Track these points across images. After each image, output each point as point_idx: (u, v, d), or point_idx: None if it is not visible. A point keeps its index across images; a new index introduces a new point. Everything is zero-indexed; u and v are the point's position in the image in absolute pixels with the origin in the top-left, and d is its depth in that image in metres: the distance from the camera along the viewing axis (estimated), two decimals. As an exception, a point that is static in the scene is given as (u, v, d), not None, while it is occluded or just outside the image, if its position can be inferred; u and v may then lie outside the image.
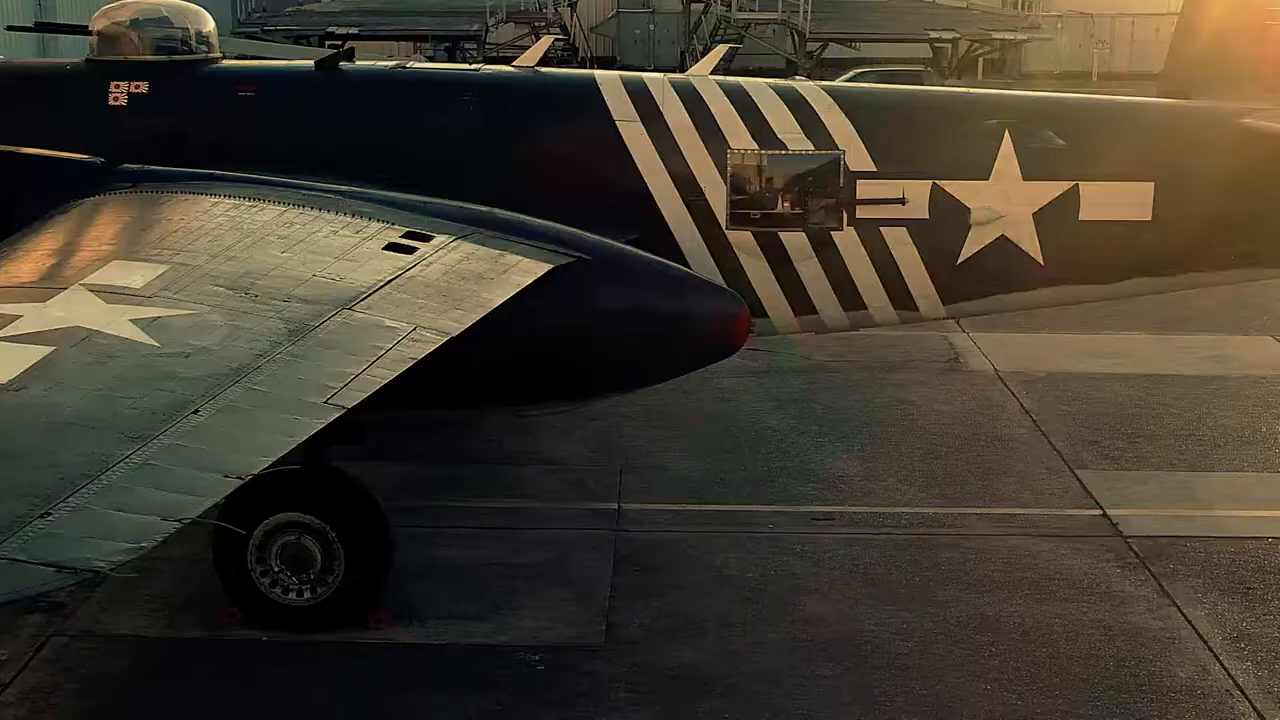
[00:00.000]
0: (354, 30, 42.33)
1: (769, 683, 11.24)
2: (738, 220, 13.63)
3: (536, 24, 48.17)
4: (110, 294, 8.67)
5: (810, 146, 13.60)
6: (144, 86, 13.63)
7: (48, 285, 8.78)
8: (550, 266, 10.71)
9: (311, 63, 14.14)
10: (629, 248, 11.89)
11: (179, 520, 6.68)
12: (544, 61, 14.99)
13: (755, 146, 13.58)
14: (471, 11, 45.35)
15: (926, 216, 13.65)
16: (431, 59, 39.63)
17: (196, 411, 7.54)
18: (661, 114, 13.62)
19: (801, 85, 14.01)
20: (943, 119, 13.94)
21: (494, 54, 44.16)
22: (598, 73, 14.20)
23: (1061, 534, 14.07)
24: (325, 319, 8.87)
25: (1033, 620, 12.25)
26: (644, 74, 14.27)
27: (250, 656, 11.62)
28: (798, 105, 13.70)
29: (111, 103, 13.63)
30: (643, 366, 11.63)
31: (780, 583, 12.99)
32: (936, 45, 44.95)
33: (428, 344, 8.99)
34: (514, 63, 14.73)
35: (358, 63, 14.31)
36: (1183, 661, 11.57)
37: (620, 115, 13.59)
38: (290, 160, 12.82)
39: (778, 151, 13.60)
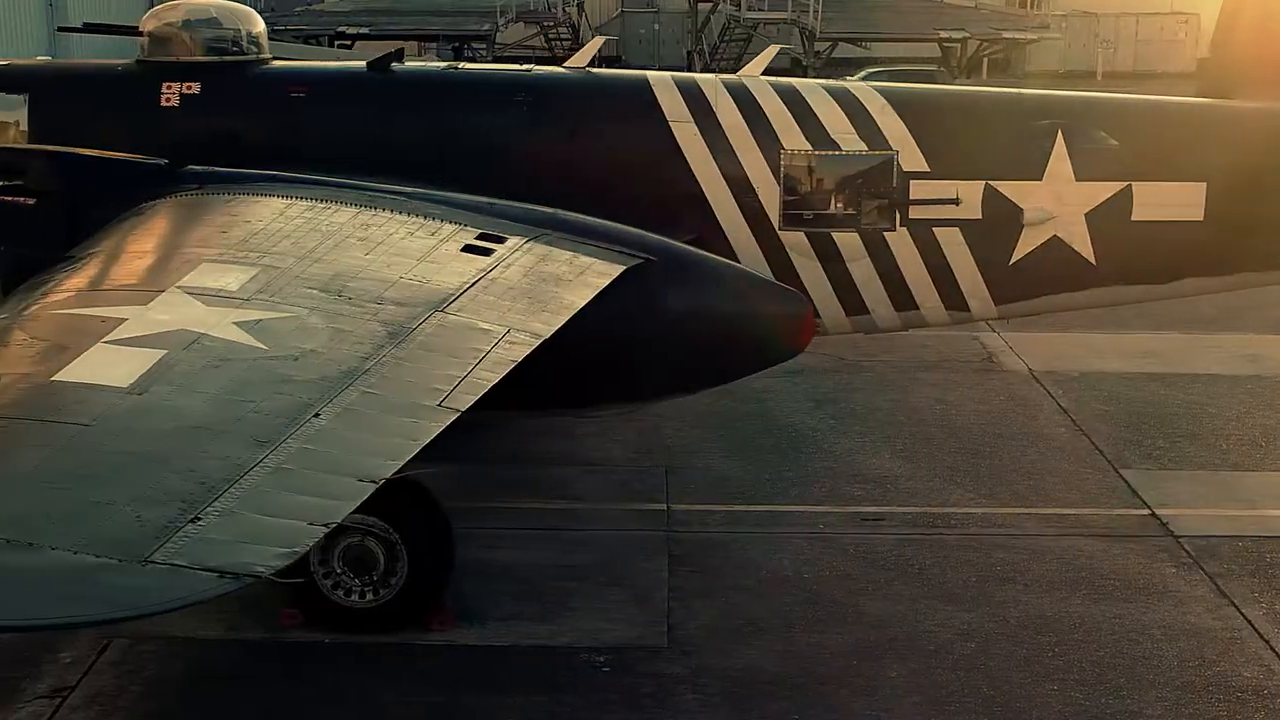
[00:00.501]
0: (364, 30, 42.28)
1: (836, 683, 11.23)
2: (790, 220, 13.62)
3: (545, 24, 48.18)
4: (208, 297, 8.64)
5: (864, 147, 13.60)
6: (196, 87, 13.61)
7: (145, 288, 8.74)
8: (623, 268, 10.70)
9: (363, 64, 14.09)
10: (693, 249, 11.88)
11: (325, 525, 6.66)
12: (551, 60, 15.01)
13: (809, 147, 13.58)
14: (481, 11, 45.31)
15: (979, 217, 13.66)
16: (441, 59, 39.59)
17: (317, 415, 7.51)
18: (715, 114, 13.62)
19: (853, 85, 14.01)
20: (996, 119, 13.94)
21: (503, 54, 44.18)
22: (649, 73, 14.19)
23: (1112, 534, 14.07)
24: (421, 321, 8.86)
25: (1093, 620, 12.24)
26: (695, 74, 14.25)
27: (313, 658, 11.60)
28: (851, 105, 13.70)
29: (163, 103, 13.61)
30: (709, 368, 11.62)
31: (837, 583, 12.98)
32: (946, 45, 44.93)
33: (524, 346, 8.98)
34: (564, 64, 14.71)
35: (407, 64, 14.27)
36: (1246, 662, 11.57)
37: (673, 116, 13.59)
38: (344, 162, 12.80)
39: (831, 152, 13.60)
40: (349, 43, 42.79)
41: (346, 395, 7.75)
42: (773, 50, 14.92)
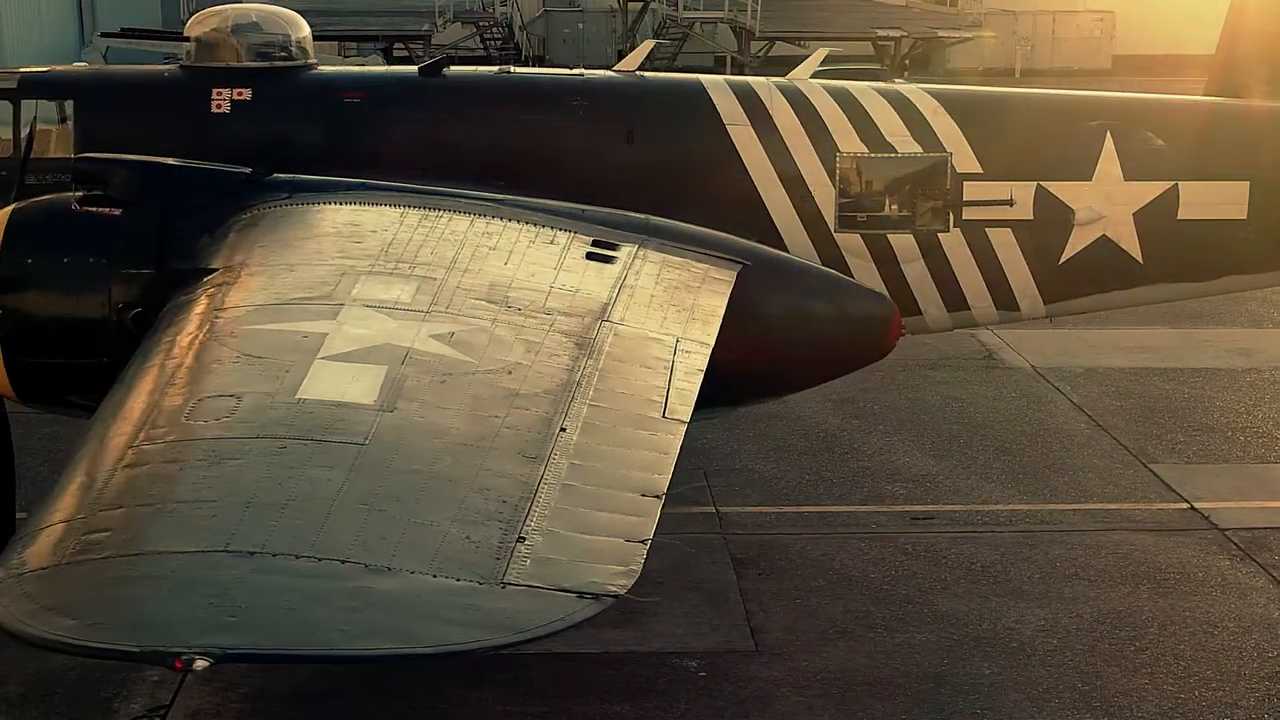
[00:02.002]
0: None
1: (934, 683, 11.33)
2: (846, 223, 13.67)
3: (481, 24, 47.94)
4: (389, 309, 8.51)
5: (918, 149, 13.69)
6: (248, 93, 13.39)
7: (320, 302, 8.56)
8: (735, 273, 10.70)
9: (415, 69, 13.95)
10: (782, 252, 11.90)
11: (642, 541, 6.59)
12: (486, 60, 14.95)
13: (864, 149, 13.64)
14: (419, 12, 44.98)
15: (1031, 217, 13.80)
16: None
17: (563, 430, 7.43)
18: (771, 117, 13.63)
19: (905, 87, 14.10)
20: (1047, 120, 14.09)
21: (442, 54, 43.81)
22: (703, 77, 14.17)
23: (1159, 528, 14.31)
24: (596, 332, 8.79)
25: (1165, 614, 12.44)
26: (747, 77, 14.26)
27: (412, 668, 11.47)
28: (904, 108, 13.79)
29: (214, 110, 13.37)
30: (802, 370, 11.65)
31: (906, 582, 13.08)
32: (880, 43, 45.33)
33: (700, 354, 8.95)
34: (614, 67, 14.65)
35: (457, 69, 14.15)
36: (1321, 651, 11.84)
37: (730, 119, 13.58)
38: (402, 167, 12.66)
39: (886, 154, 13.67)
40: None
41: (576, 408, 7.69)
42: (821, 53, 14.94)
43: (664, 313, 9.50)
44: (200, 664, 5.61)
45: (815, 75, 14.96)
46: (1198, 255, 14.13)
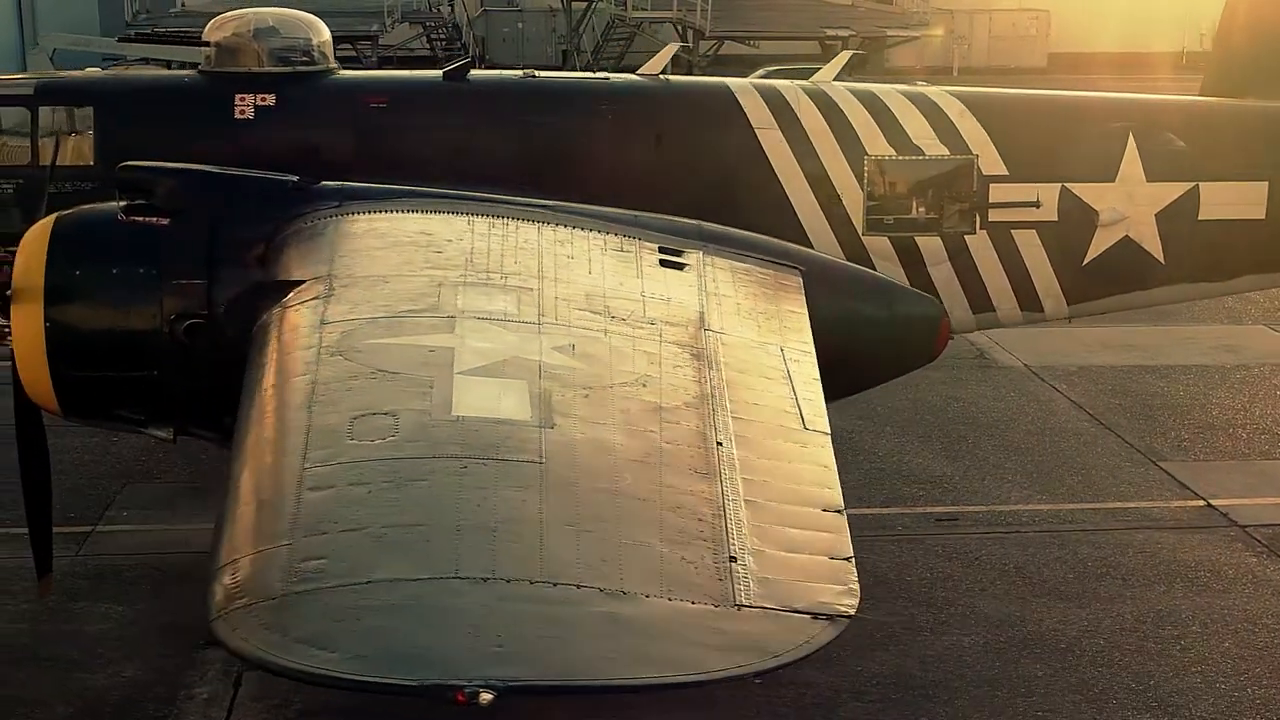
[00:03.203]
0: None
1: (989, 686, 11.34)
2: (874, 226, 13.67)
3: (428, 24, 47.60)
4: (503, 322, 8.36)
5: (945, 151, 13.71)
6: (271, 99, 13.19)
7: (431, 315, 8.40)
8: (800, 278, 10.65)
9: (439, 74, 13.79)
10: (831, 256, 11.86)
11: (847, 558, 6.50)
12: (432, 60, 14.81)
13: (892, 152, 13.64)
14: (367, 12, 44.55)
15: (1055, 219, 13.87)
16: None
17: (720, 444, 7.33)
18: (798, 121, 13.60)
19: (930, 90, 14.11)
20: (1070, 122, 14.15)
21: (389, 55, 43.48)
22: (729, 80, 14.11)
23: (1180, 526, 14.42)
24: (704, 341, 8.70)
25: (1205, 613, 12.53)
26: (773, 81, 14.21)
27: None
28: (931, 110, 13.80)
29: (237, 115, 13.16)
30: (852, 374, 11.59)
31: (943, 584, 13.10)
32: (827, 43, 45.41)
33: (809, 362, 8.89)
34: (638, 71, 14.56)
35: (478, 73, 14.01)
36: (1362, 645, 11.97)
37: (759, 123, 13.54)
38: (432, 172, 12.51)
39: (914, 157, 13.68)
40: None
41: (721, 421, 7.59)
42: (845, 55, 14.93)
43: (755, 320, 9.42)
44: (485, 697, 5.48)
45: (769, 74, 14.93)
46: (1218, 255, 14.26)
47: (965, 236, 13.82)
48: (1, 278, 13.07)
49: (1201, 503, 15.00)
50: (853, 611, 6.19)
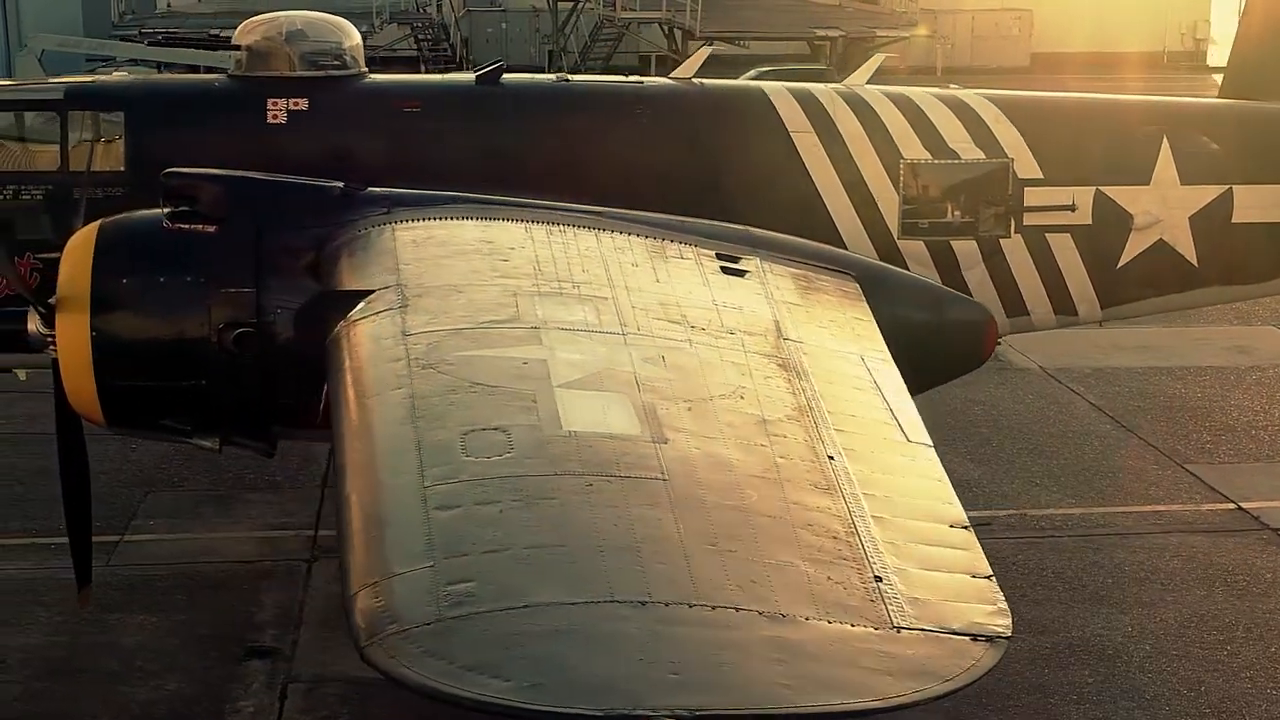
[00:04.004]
0: (240, 32, 40.91)
1: (1040, 693, 11.29)
2: (909, 229, 13.60)
3: (416, 25, 47.41)
4: (589, 333, 8.24)
5: (981, 155, 13.65)
6: (304, 103, 13.04)
7: (514, 326, 8.26)
8: (858, 285, 10.56)
9: (472, 77, 13.66)
10: (880, 262, 11.80)
11: (988, 577, 6.40)
12: (418, 61, 14.64)
13: (927, 156, 13.57)
14: (355, 13, 44.24)
15: (1090, 222, 13.83)
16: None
17: (832, 459, 7.22)
18: (835, 124, 13.52)
19: (964, 93, 14.05)
20: (1105, 125, 14.11)
21: (375, 55, 43.21)
22: (764, 84, 14.03)
23: (1213, 529, 14.41)
24: (787, 351, 8.59)
25: (1248, 617, 12.51)
26: (807, 84, 14.13)
27: None
28: (965, 113, 13.74)
29: (270, 120, 13.00)
30: (904, 379, 11.51)
31: (984, 590, 13.00)
32: (815, 43, 45.43)
33: (892, 371, 8.79)
34: (670, 75, 14.45)
35: (511, 77, 13.86)
36: (1407, 649, 11.95)
37: (794, 126, 13.46)
38: (464, 177, 12.37)
39: (950, 160, 13.62)
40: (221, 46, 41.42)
41: (825, 434, 7.48)
42: (879, 58, 14.86)
43: (827, 329, 9.32)
44: None
45: (761, 75, 14.85)
46: (1251, 258, 14.25)
47: (1000, 240, 13.76)
48: (31, 285, 12.93)
49: (1232, 506, 14.98)
50: (1009, 632, 6.07)
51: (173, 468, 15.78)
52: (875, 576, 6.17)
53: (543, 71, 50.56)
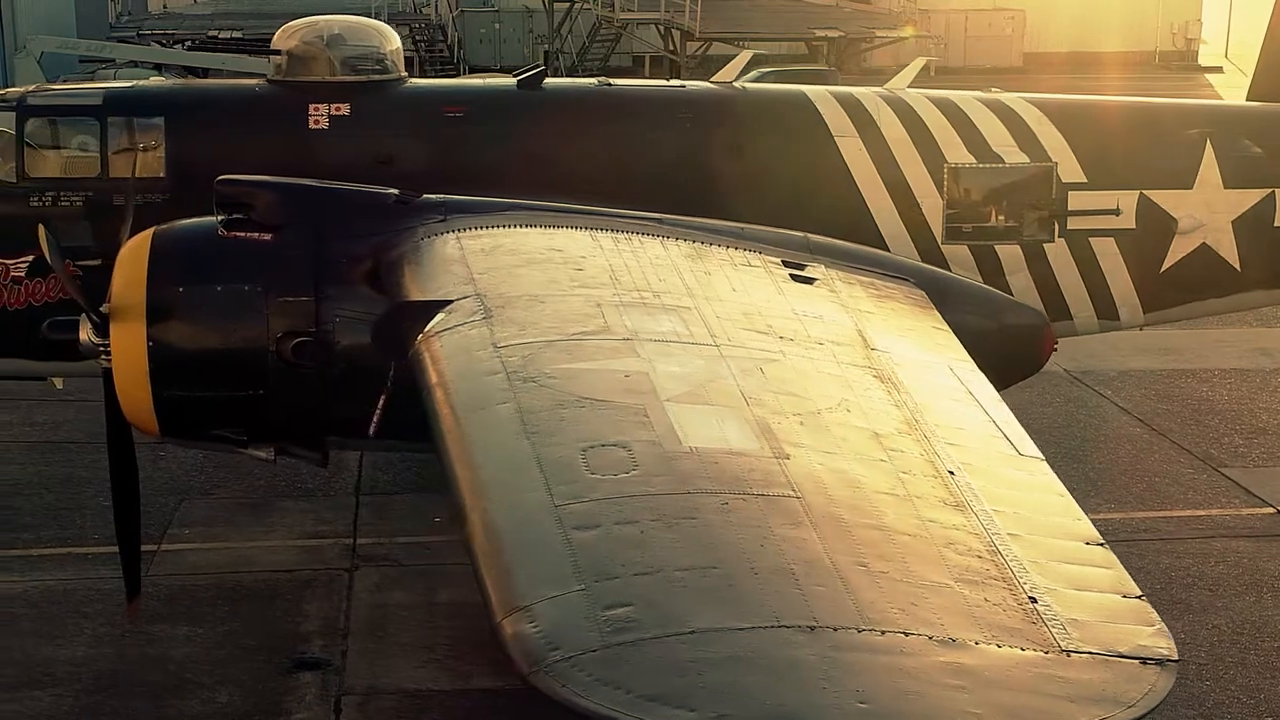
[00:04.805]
0: (238, 34, 40.82)
1: (1100, 701, 11.18)
2: (952, 233, 13.54)
3: (414, 26, 47.27)
4: (683, 344, 8.12)
5: (1025, 159, 13.60)
6: (345, 108, 12.93)
7: (603, 337, 8.14)
8: (924, 293, 10.47)
9: (514, 81, 13.55)
10: (938, 268, 11.72)
11: (1138, 596, 6.30)
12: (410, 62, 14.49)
13: (972, 159, 13.51)
14: (354, 14, 44.15)
15: (1134, 226, 13.78)
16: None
17: (952, 473, 7.11)
18: (878, 128, 13.45)
19: (1007, 96, 13.98)
20: (1148, 129, 14.06)
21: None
22: (806, 88, 13.94)
23: (1255, 534, 14.35)
24: (877, 361, 8.49)
25: (1301, 622, 12.46)
26: (851, 88, 14.05)
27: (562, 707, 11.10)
28: (1009, 117, 13.69)
29: (312, 125, 12.89)
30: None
31: (1032, 597, 12.93)
32: (813, 44, 45.37)
33: (980, 380, 8.69)
34: (712, 78, 14.36)
35: (554, 81, 13.77)
36: None
37: (838, 130, 13.39)
38: (509, 183, 12.29)
39: (994, 164, 13.55)
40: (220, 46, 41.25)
41: (938, 447, 7.37)
42: (920, 62, 14.79)
43: (908, 338, 9.24)
44: None
45: (764, 76, 14.77)
46: (1293, 262, 14.21)
47: (1044, 244, 13.71)
48: (69, 292, 12.79)
49: (1272, 510, 14.93)
50: (1175, 655, 5.96)
51: (204, 475, 15.64)
52: (1030, 598, 6.06)
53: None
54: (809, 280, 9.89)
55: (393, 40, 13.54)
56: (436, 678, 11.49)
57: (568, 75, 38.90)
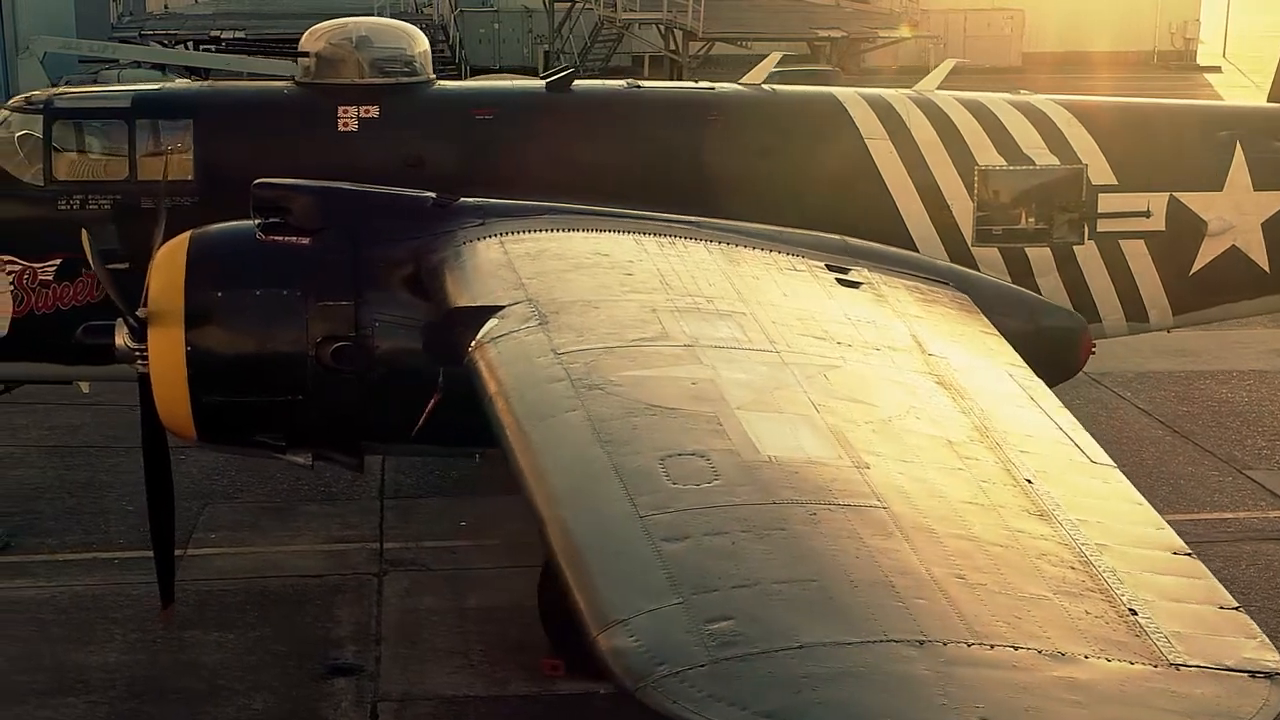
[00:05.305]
0: (241, 34, 40.74)
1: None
2: (982, 236, 13.49)
3: (416, 26, 47.10)
4: (745, 350, 8.05)
5: (1055, 161, 13.56)
6: (374, 110, 12.86)
7: (660, 344, 8.06)
8: (968, 297, 10.41)
9: (542, 84, 13.49)
10: (973, 271, 11.67)
11: (1235, 608, 6.23)
12: None
13: (1002, 162, 13.46)
14: (355, 14, 44.05)
15: (1163, 228, 13.75)
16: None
17: (1030, 481, 7.05)
18: (909, 131, 13.40)
19: (1036, 99, 13.94)
20: (1178, 131, 14.02)
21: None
22: (836, 89, 13.90)
23: (1283, 536, 14.32)
24: (936, 367, 8.42)
25: (1340, 627, 12.39)
26: (880, 90, 14.00)
27: (592, 711, 11.08)
28: (1039, 119, 13.64)
29: (341, 128, 12.82)
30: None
31: (1065, 601, 12.88)
32: (815, 44, 45.27)
33: (1039, 385, 8.63)
34: (741, 80, 14.29)
35: (581, 83, 13.70)
36: None
37: (869, 133, 13.34)
38: (539, 185, 12.24)
39: (1024, 166, 13.51)
40: (221, 46, 41.16)
41: (1011, 455, 7.31)
42: (950, 63, 14.74)
43: (959, 342, 9.18)
44: None
45: (769, 77, 14.72)
46: (1323, 264, 14.17)
47: (1073, 247, 13.66)
48: (110, 296, 12.71)
49: (1299, 512, 14.90)
50: None
51: (226, 479, 15.56)
52: (1130, 610, 5.99)
53: (537, 73, 50.64)
54: (855, 284, 9.83)
55: (421, 42, 13.48)
56: (472, 684, 11.42)
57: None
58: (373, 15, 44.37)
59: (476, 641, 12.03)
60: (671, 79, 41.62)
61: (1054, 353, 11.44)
